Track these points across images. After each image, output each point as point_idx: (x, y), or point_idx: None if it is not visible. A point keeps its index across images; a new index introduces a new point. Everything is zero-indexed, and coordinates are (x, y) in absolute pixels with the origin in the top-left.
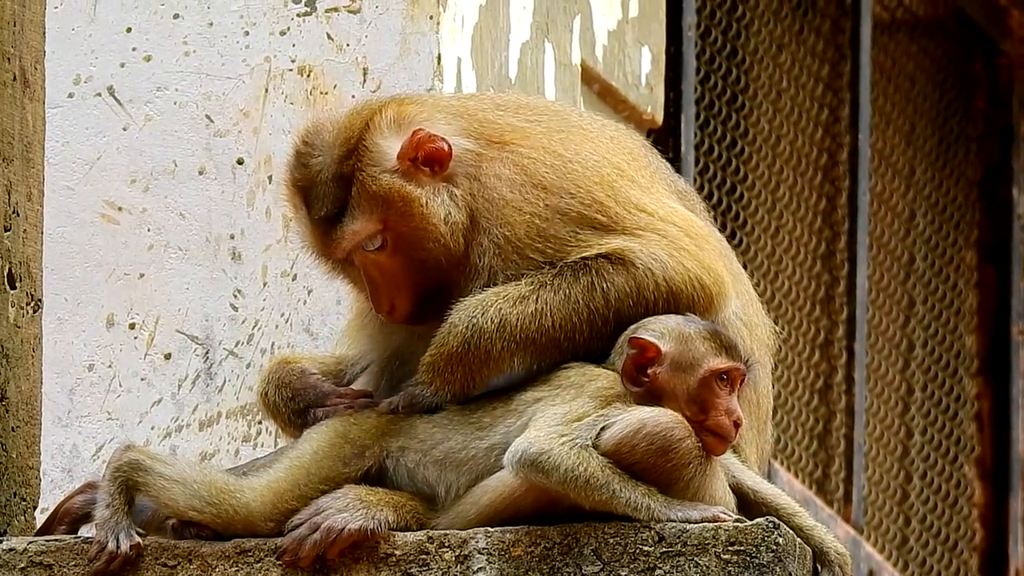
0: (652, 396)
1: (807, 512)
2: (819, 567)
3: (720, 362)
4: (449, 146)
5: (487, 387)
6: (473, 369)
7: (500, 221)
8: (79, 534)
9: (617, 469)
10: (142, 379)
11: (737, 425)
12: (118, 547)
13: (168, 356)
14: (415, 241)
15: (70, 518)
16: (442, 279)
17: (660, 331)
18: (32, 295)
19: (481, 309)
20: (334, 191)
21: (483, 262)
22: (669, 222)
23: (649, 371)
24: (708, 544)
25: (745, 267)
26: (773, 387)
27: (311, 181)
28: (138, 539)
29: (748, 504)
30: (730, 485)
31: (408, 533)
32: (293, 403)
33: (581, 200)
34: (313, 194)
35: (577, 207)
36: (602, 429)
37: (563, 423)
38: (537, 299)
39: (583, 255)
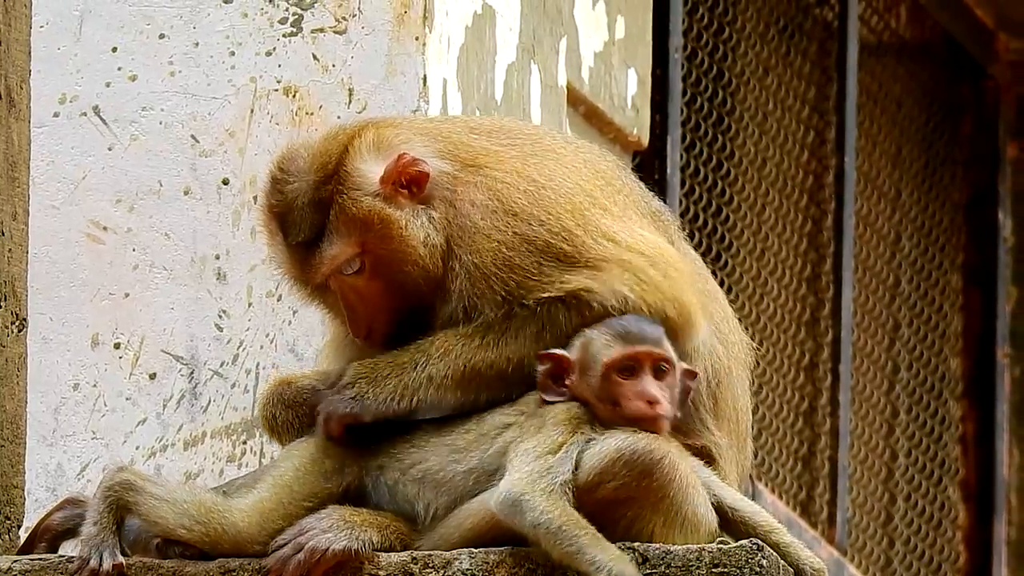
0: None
1: (785, 529)
2: None
3: (612, 353)
4: (429, 168)
5: (416, 412)
6: (411, 386)
7: (470, 248)
8: (61, 551)
9: (589, 525)
10: (127, 399)
11: (652, 403)
12: (100, 564)
13: (153, 376)
14: (394, 264)
15: (50, 535)
16: (419, 303)
17: (576, 342)
18: (17, 314)
19: (430, 341)
20: (311, 216)
21: (455, 287)
22: (636, 251)
23: (566, 382)
24: (692, 566)
25: (730, 289)
26: (758, 408)
27: (287, 207)
28: (121, 559)
29: (727, 522)
30: (711, 503)
31: (392, 554)
32: (308, 419)
33: (549, 228)
34: (289, 220)
35: (544, 235)
36: (578, 460)
37: (539, 457)
38: (483, 336)
39: (541, 296)
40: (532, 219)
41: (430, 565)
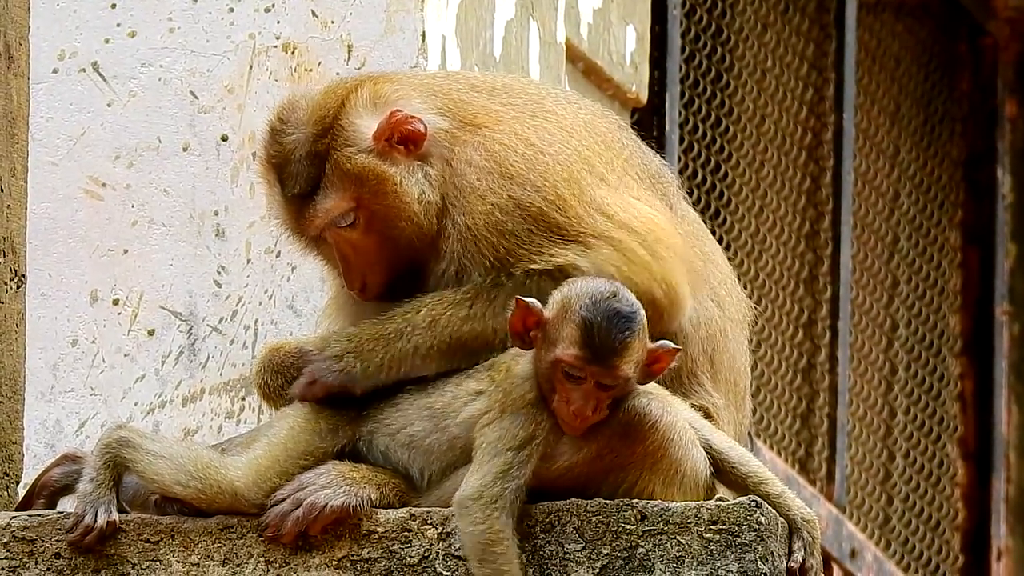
0: None
1: (777, 479)
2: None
3: (568, 353)
4: (425, 126)
5: (402, 379)
6: (397, 358)
7: (464, 208)
8: (59, 508)
9: (505, 551)
10: (125, 355)
11: (576, 416)
12: (95, 521)
13: (152, 332)
14: (388, 219)
15: (48, 491)
16: (414, 259)
17: (556, 296)
18: (16, 270)
19: (416, 308)
20: (307, 169)
21: (447, 247)
22: (628, 228)
23: (531, 333)
24: (690, 523)
25: (729, 246)
26: (756, 366)
27: (285, 158)
28: (116, 516)
29: (720, 471)
30: (703, 448)
31: (391, 510)
32: None
33: (544, 196)
34: (287, 171)
35: (539, 202)
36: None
37: (500, 454)
38: (471, 305)
39: (529, 267)
40: (528, 184)
41: (428, 522)
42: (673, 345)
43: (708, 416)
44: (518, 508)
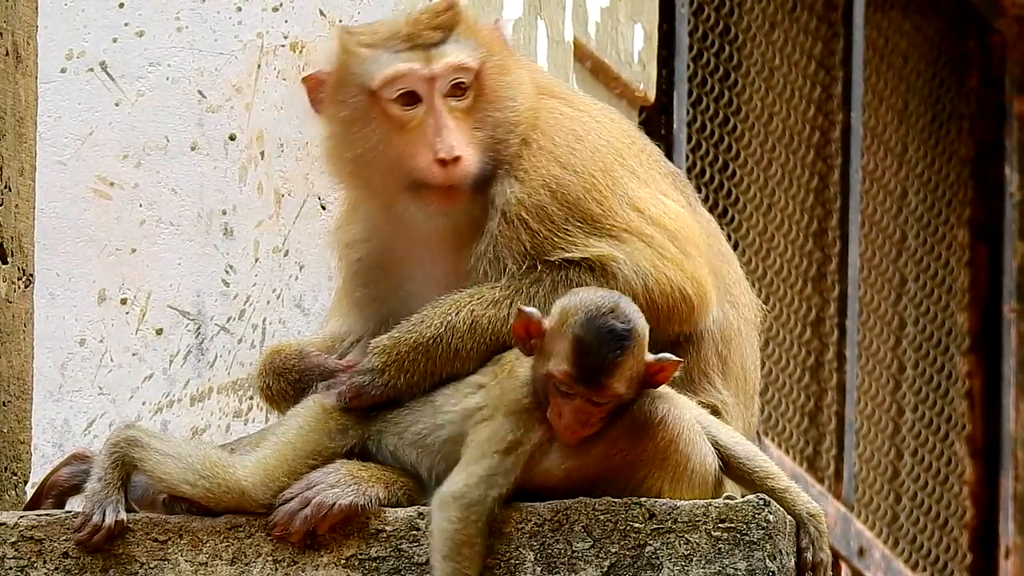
0: None
1: (784, 474)
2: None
3: (559, 369)
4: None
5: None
6: (438, 364)
7: (517, 177)
8: (68, 507)
9: (468, 566)
10: (133, 354)
11: (567, 430)
12: (103, 520)
13: (160, 331)
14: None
15: (57, 491)
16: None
17: (557, 306)
18: (24, 270)
19: (455, 309)
20: (439, 21)
21: (489, 228)
22: (658, 225)
23: (532, 341)
24: (699, 521)
25: (736, 245)
26: (764, 364)
27: (414, 31)
28: (124, 515)
29: (727, 466)
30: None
31: (399, 509)
32: (300, 384)
33: (583, 183)
34: (412, 31)
35: (578, 189)
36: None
37: (486, 456)
38: (511, 304)
39: (566, 256)
40: (567, 167)
41: None
42: (675, 358)
43: (716, 413)
44: (495, 514)
